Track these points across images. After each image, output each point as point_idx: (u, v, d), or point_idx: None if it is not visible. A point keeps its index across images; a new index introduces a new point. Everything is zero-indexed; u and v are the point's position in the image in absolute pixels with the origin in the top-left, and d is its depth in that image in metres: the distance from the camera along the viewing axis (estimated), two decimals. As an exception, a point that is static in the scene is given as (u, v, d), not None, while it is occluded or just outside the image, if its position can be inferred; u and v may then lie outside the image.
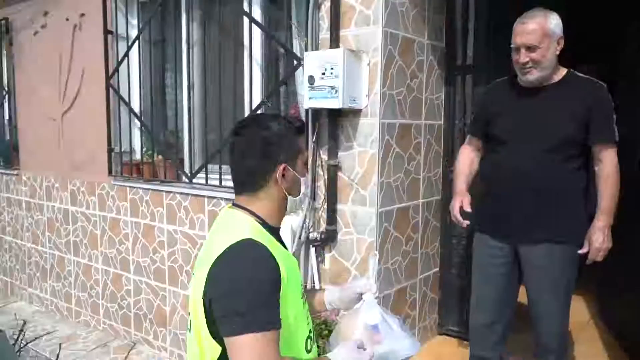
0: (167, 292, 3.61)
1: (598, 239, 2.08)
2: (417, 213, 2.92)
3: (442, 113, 3.04)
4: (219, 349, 1.13)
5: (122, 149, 3.80)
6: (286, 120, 1.31)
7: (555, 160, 2.08)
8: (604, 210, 2.09)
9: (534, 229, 2.14)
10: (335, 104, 2.46)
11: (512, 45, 2.07)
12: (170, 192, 3.47)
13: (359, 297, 1.44)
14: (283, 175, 1.26)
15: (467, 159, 2.36)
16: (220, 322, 1.09)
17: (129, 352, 3.75)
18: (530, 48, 2.01)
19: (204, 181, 3.26)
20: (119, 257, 3.93)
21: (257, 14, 3.03)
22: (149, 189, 3.61)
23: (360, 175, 2.60)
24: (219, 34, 3.16)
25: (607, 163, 2.07)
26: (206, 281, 1.11)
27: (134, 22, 3.70)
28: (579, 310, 3.55)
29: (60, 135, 4.23)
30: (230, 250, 1.13)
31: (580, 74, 2.14)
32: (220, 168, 3.16)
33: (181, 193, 3.40)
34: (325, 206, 2.69)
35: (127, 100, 3.67)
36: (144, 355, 3.72)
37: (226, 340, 1.09)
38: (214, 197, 3.21)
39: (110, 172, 3.84)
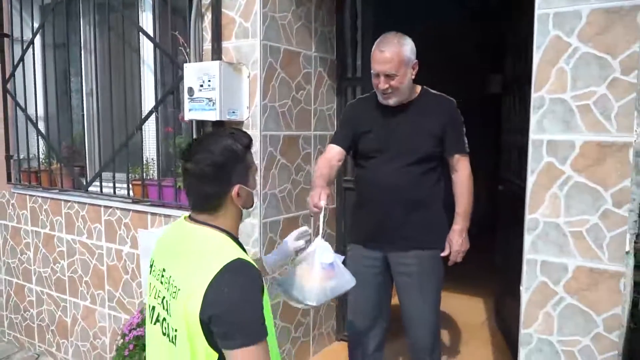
0: (67, 303, 3.53)
1: (458, 241, 2.20)
2: (305, 222, 2.95)
3: (335, 123, 3.07)
4: (215, 355, 1.20)
5: (22, 156, 3.69)
6: (234, 138, 1.32)
7: (418, 173, 2.17)
8: (461, 215, 2.21)
9: (404, 238, 2.21)
10: (212, 116, 2.46)
11: (372, 71, 2.12)
12: (68, 201, 3.39)
13: (294, 251, 1.67)
14: (237, 194, 1.31)
15: (327, 164, 2.24)
16: (223, 337, 1.17)
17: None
18: (388, 76, 2.07)
19: (100, 190, 3.20)
20: (21, 267, 3.82)
21: (149, 21, 3.00)
22: (47, 198, 3.52)
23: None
24: (114, 40, 3.10)
25: (462, 171, 2.20)
26: (204, 301, 1.16)
27: (36, 25, 3.59)
28: (475, 312, 3.67)
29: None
30: (225, 271, 1.18)
31: (433, 91, 2.23)
32: (113, 177, 3.11)
33: (78, 202, 3.33)
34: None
35: (24, 105, 3.56)
36: (45, 368, 3.65)
37: (227, 352, 1.18)
38: (110, 207, 3.15)
39: (9, 179, 3.72)
